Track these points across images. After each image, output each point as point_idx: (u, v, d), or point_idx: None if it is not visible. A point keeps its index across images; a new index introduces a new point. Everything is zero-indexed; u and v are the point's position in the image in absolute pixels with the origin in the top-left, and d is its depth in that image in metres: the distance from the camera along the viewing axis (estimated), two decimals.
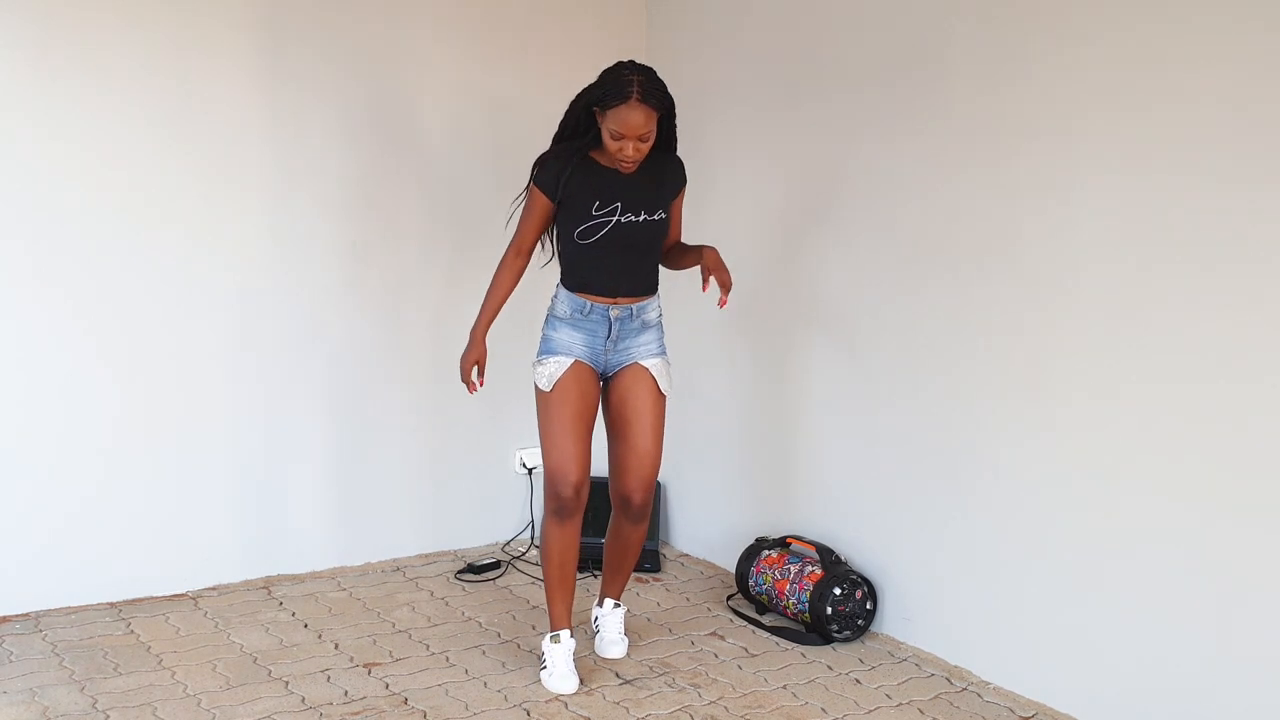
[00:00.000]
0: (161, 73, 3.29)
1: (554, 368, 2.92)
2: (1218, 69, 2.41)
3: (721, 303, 2.87)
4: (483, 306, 3.00)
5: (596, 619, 3.19)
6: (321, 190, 3.58)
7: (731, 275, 2.93)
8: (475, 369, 3.00)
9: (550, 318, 2.99)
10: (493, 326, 2.99)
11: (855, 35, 3.26)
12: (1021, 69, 2.81)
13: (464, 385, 3.02)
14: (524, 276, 3.03)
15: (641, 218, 2.88)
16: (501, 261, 3.01)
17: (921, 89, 3.07)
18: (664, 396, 3.01)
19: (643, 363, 2.98)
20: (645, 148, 2.80)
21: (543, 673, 2.96)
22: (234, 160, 3.42)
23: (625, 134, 2.75)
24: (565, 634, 2.98)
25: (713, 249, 2.93)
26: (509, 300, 3.03)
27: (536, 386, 2.96)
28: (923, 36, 3.06)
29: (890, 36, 3.15)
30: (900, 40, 3.12)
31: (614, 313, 2.92)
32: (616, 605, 3.18)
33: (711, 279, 2.88)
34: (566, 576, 2.99)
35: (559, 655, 2.95)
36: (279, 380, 3.58)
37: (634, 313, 2.94)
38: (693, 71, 3.87)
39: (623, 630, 3.16)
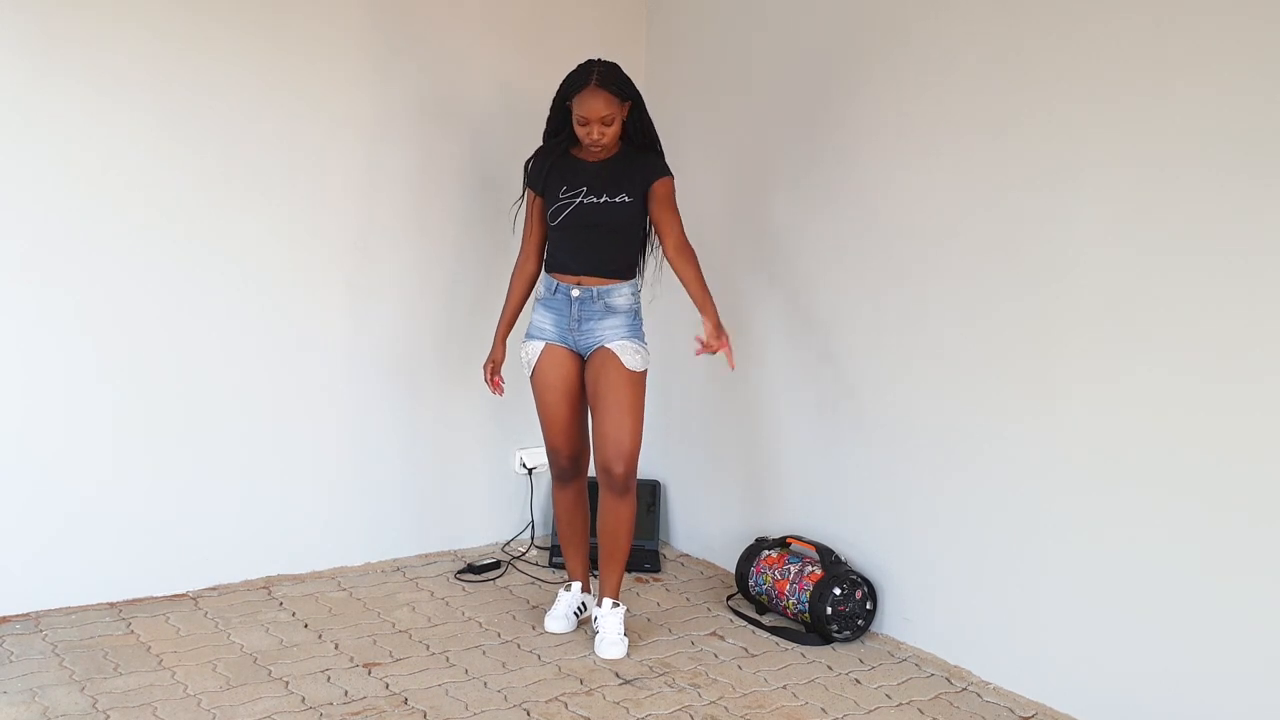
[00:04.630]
0: (163, 72, 3.28)
1: (530, 353, 3.19)
2: (1219, 61, 2.41)
3: (718, 353, 3.04)
4: (501, 311, 3.29)
5: (595, 619, 3.19)
6: (324, 189, 3.58)
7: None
8: (492, 369, 3.29)
9: (536, 300, 3.23)
10: (492, 328, 3.03)
11: (855, 33, 3.27)
12: (1020, 61, 2.81)
13: (487, 386, 3.32)
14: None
15: (603, 199, 3.07)
16: (514, 267, 3.29)
17: (919, 83, 3.07)
18: (635, 374, 3.11)
19: (608, 345, 3.10)
20: (610, 131, 3.02)
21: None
22: (235, 159, 3.42)
23: (589, 118, 2.99)
24: (576, 585, 3.33)
25: (712, 311, 3.04)
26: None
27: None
28: (921, 32, 3.06)
29: (890, 33, 3.16)
30: (900, 36, 3.13)
31: (574, 293, 3.12)
32: (615, 605, 3.18)
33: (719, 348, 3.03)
34: (575, 533, 3.32)
35: (562, 599, 3.31)
36: (279, 380, 3.58)
37: (595, 295, 3.11)
38: (693, 69, 3.88)
39: (622, 630, 3.16)
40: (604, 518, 3.18)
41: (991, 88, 2.89)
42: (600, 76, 2.98)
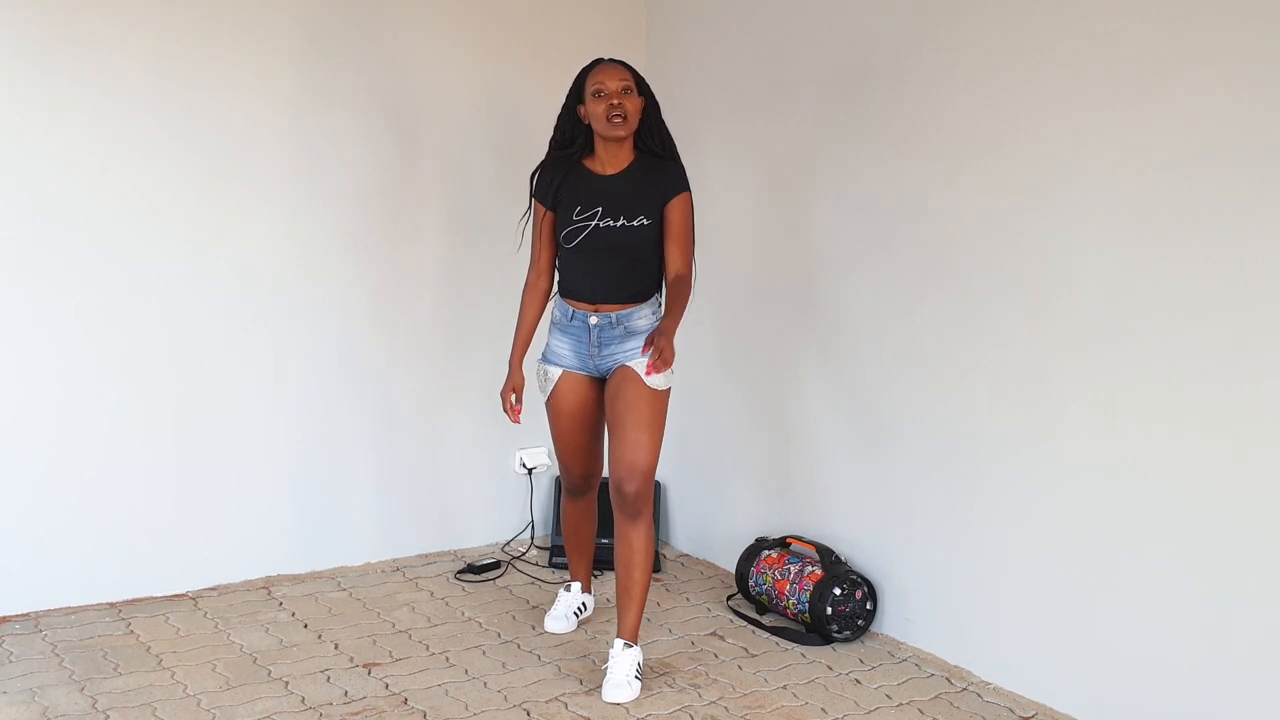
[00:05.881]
0: (163, 74, 3.29)
1: (549, 378, 3.08)
2: (1218, 65, 2.41)
3: (647, 370, 2.78)
4: (514, 334, 3.14)
5: (608, 660, 2.94)
6: (324, 190, 3.58)
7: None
8: (513, 397, 3.12)
9: (551, 324, 3.11)
10: (491, 329, 3.01)
11: (855, 36, 3.26)
12: (1020, 68, 2.81)
13: (506, 413, 3.14)
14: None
15: (620, 222, 2.92)
16: (524, 285, 3.13)
17: (920, 89, 3.07)
18: (655, 392, 2.91)
19: (629, 364, 2.96)
20: (630, 104, 2.89)
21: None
22: (234, 160, 3.42)
23: (606, 88, 2.87)
24: (576, 586, 3.34)
25: (669, 323, 2.80)
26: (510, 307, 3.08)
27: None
28: (921, 37, 3.06)
29: (890, 37, 3.15)
30: (899, 40, 3.12)
31: (593, 320, 2.98)
32: (628, 646, 2.92)
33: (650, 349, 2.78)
34: (581, 542, 3.34)
35: (562, 599, 3.33)
36: (279, 380, 3.58)
37: (615, 320, 2.97)
38: (692, 72, 3.88)
39: (634, 674, 2.89)
40: (619, 547, 2.94)
41: (995, 91, 2.89)
42: (611, 58, 2.97)
